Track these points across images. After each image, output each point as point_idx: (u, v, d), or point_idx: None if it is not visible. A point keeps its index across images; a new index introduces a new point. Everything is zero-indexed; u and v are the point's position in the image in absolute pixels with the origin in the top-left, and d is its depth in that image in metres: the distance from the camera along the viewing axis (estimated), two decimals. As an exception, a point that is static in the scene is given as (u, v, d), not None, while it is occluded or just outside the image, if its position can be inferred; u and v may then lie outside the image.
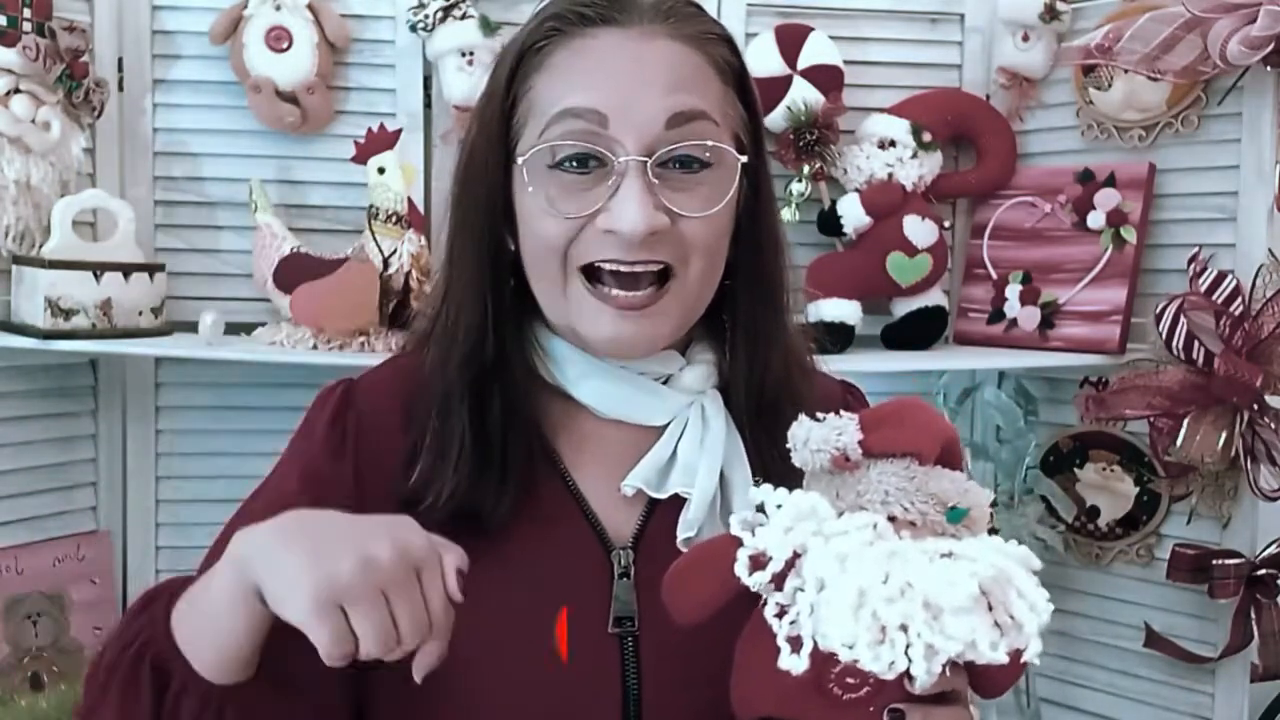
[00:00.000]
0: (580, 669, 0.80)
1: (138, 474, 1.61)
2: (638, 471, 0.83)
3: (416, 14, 1.55)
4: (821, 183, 1.63)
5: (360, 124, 1.53)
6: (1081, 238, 1.60)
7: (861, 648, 0.61)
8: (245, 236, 1.57)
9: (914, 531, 0.68)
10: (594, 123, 0.78)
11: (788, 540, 0.65)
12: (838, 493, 0.71)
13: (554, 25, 0.82)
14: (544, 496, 0.84)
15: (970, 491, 0.71)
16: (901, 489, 0.70)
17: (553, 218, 0.80)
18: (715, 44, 0.84)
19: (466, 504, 0.81)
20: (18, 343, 1.42)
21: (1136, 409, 1.51)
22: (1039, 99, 1.68)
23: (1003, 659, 0.62)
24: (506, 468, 0.82)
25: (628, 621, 0.81)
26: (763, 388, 0.87)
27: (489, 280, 0.85)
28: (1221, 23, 1.40)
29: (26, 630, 1.52)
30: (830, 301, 1.59)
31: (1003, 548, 0.65)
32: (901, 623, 0.61)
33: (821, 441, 0.71)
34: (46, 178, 1.44)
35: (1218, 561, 1.48)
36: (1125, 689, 1.62)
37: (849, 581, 0.62)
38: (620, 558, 0.83)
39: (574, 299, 0.82)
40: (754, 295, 0.88)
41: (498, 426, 0.83)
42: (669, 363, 0.87)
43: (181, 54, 1.58)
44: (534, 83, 0.82)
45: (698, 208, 0.80)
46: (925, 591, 0.61)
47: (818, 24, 1.63)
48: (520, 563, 0.82)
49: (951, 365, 1.66)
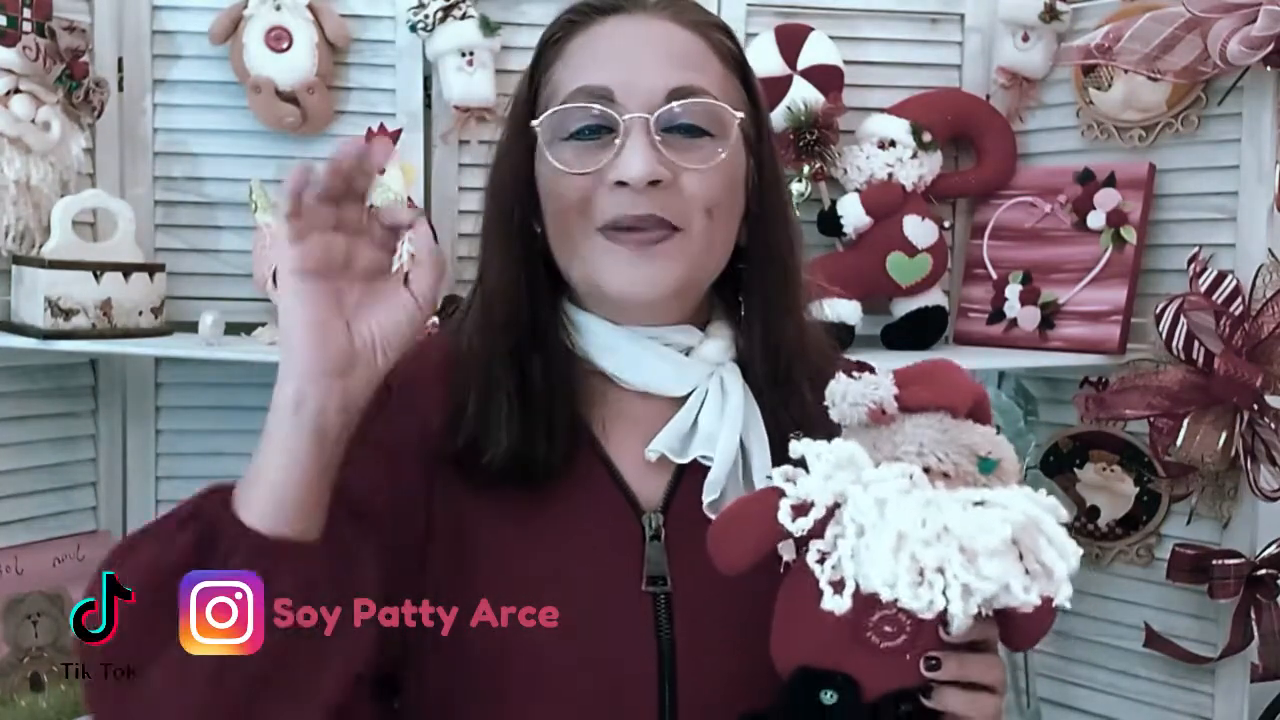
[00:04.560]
0: (617, 625, 0.83)
1: (138, 474, 1.61)
2: (661, 438, 0.87)
3: (416, 14, 1.55)
4: (821, 183, 1.63)
5: (360, 124, 1.54)
6: (1081, 238, 1.60)
7: (902, 587, 0.64)
8: (245, 236, 1.57)
9: (947, 483, 0.71)
10: (602, 96, 0.84)
11: (828, 487, 0.68)
12: (875, 445, 0.74)
13: (569, 18, 0.90)
14: (579, 463, 0.88)
15: (1000, 444, 0.75)
16: (936, 440, 0.73)
17: (567, 177, 0.85)
18: (715, 31, 0.90)
19: (520, 454, 0.85)
20: (18, 343, 1.42)
21: (1136, 409, 1.51)
22: (1039, 99, 1.68)
23: (1035, 601, 0.65)
24: (553, 425, 0.86)
25: (660, 581, 0.84)
26: (777, 359, 0.91)
27: (521, 259, 0.89)
28: (1221, 23, 1.40)
29: (26, 630, 1.52)
30: (830, 301, 1.58)
31: (1033, 497, 0.69)
32: (938, 565, 0.64)
33: (859, 396, 0.74)
34: (46, 178, 1.44)
35: (1218, 561, 1.48)
36: (1125, 689, 1.62)
37: (888, 525, 0.66)
38: (651, 520, 0.86)
39: (594, 252, 0.86)
40: (766, 273, 0.92)
41: (541, 387, 0.87)
42: (689, 335, 0.91)
43: (181, 54, 1.59)
44: (552, 72, 0.89)
45: (698, 161, 0.85)
46: (961, 535, 0.65)
47: (818, 24, 1.63)
48: (562, 522, 0.86)
49: (951, 365, 1.66)
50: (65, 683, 1.53)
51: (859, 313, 1.59)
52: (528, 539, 0.85)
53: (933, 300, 1.65)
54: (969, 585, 0.64)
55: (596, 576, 0.85)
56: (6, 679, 1.50)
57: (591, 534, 0.86)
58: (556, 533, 0.86)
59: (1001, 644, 0.81)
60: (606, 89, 0.84)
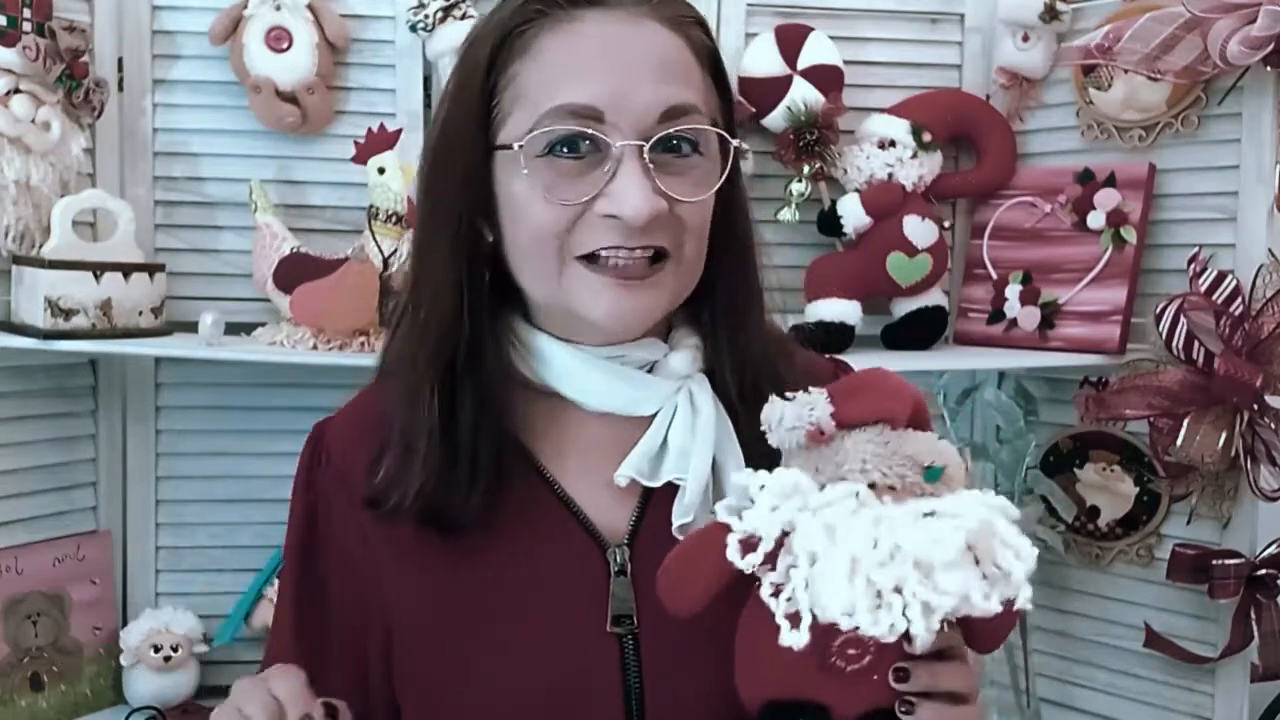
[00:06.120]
0: (580, 669, 0.80)
1: (138, 474, 1.61)
2: (630, 461, 0.82)
3: (416, 14, 1.55)
4: (821, 183, 1.63)
5: (360, 124, 1.53)
6: (1081, 238, 1.60)
7: (861, 614, 0.62)
8: (245, 236, 1.57)
9: (895, 495, 0.70)
10: (590, 118, 0.77)
11: (775, 518, 0.67)
12: (817, 467, 0.72)
13: (538, 8, 0.80)
14: (523, 497, 0.83)
15: (943, 450, 0.73)
16: (878, 454, 0.71)
17: (549, 205, 0.78)
18: (693, 27, 0.83)
19: (433, 502, 0.80)
20: (18, 343, 1.42)
21: (1136, 409, 1.51)
22: (1039, 99, 1.68)
23: (996, 608, 0.63)
24: (477, 465, 0.81)
25: (626, 620, 0.80)
26: (743, 372, 0.86)
27: (463, 271, 0.82)
28: (1221, 23, 1.40)
29: (26, 630, 1.52)
30: (830, 301, 1.59)
31: (982, 499, 0.66)
32: (895, 585, 0.62)
33: (795, 419, 0.72)
34: (46, 178, 1.44)
35: (1218, 561, 1.48)
36: (1125, 689, 1.62)
37: (840, 551, 0.64)
38: (616, 555, 0.82)
39: (572, 280, 0.80)
40: (732, 276, 0.87)
41: (468, 422, 0.81)
42: (653, 349, 0.85)
43: (181, 54, 1.58)
44: (519, 69, 0.80)
45: (691, 191, 0.80)
46: (914, 551, 0.63)
47: (818, 24, 1.63)
48: (505, 564, 0.82)
49: (951, 365, 1.66)
50: (65, 683, 1.54)
51: (859, 313, 1.59)
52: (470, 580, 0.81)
53: (933, 300, 1.65)
54: (929, 602, 0.62)
55: (555, 620, 0.80)
56: (6, 679, 1.50)
57: (545, 572, 0.81)
58: (505, 571, 0.81)
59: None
60: (595, 109, 0.76)
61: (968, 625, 0.73)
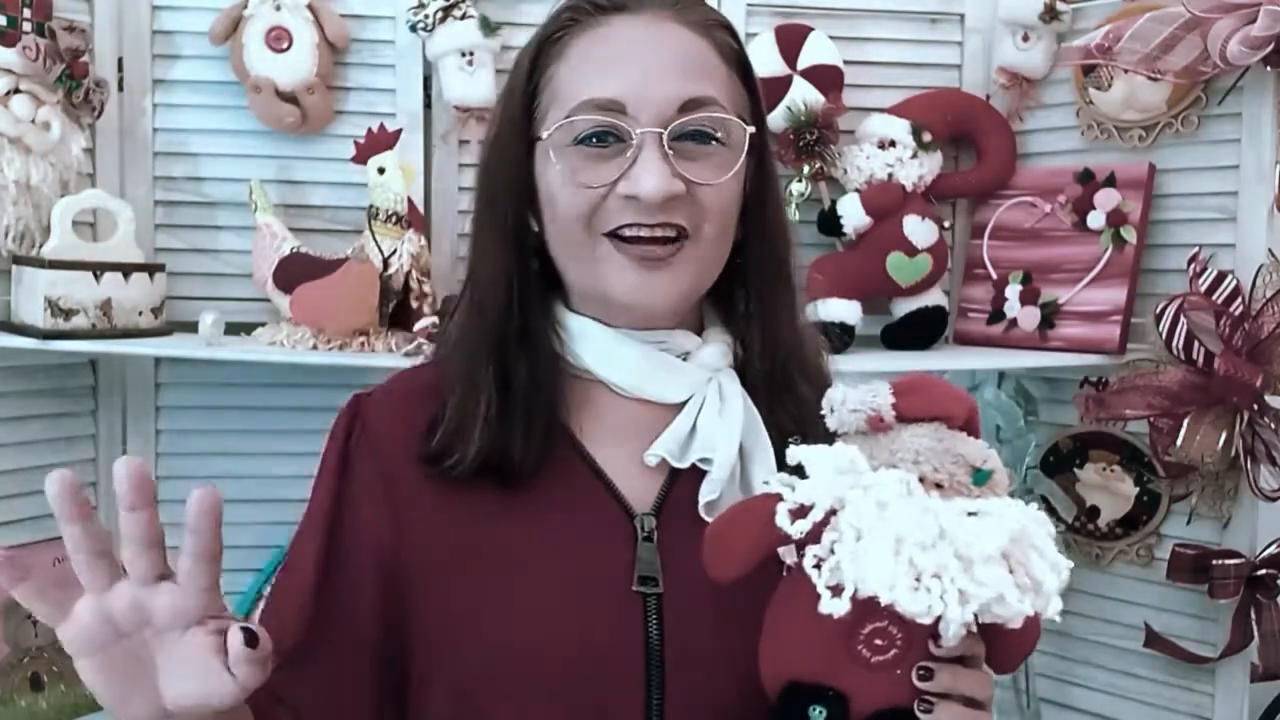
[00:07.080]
0: (604, 624, 0.83)
1: (138, 474, 1.61)
2: (661, 442, 0.87)
3: (416, 14, 1.55)
4: (821, 183, 1.63)
5: (360, 124, 1.54)
6: (1081, 238, 1.60)
7: (901, 590, 0.64)
8: (245, 236, 1.57)
9: (941, 493, 0.72)
10: (613, 109, 0.83)
11: (829, 489, 0.69)
12: (870, 453, 0.74)
13: (571, 15, 0.88)
14: (561, 466, 0.88)
15: (993, 457, 0.75)
16: (932, 449, 0.73)
17: (576, 189, 0.84)
18: (719, 30, 0.89)
19: (495, 454, 0.85)
20: (18, 343, 1.42)
21: (1136, 409, 1.51)
22: (1039, 99, 1.68)
23: (1029, 611, 0.65)
24: (531, 422, 0.87)
25: (651, 581, 0.84)
26: (774, 359, 0.91)
27: (513, 260, 0.89)
28: (1221, 23, 1.40)
29: (26, 630, 1.52)
30: (830, 301, 1.59)
31: (1023, 509, 0.69)
32: (935, 570, 0.65)
33: (858, 403, 0.75)
34: (46, 178, 1.44)
35: (1218, 561, 1.48)
36: (1125, 689, 1.62)
37: (887, 528, 0.66)
38: (644, 522, 0.86)
39: (600, 259, 0.86)
40: (763, 271, 0.92)
41: (523, 389, 0.87)
42: (687, 340, 0.91)
43: (181, 54, 1.59)
44: (554, 72, 0.87)
45: (711, 175, 0.85)
46: (957, 542, 0.65)
47: (818, 24, 1.63)
48: (541, 521, 0.86)
49: (951, 365, 1.66)
50: (65, 683, 1.54)
51: (859, 313, 1.60)
52: (520, 530, 0.86)
53: (933, 300, 1.65)
54: (965, 591, 0.64)
55: (583, 575, 0.85)
56: (6, 679, 1.50)
57: (576, 533, 0.86)
58: (540, 531, 0.86)
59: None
60: (618, 102, 0.83)
61: (991, 639, 0.76)
